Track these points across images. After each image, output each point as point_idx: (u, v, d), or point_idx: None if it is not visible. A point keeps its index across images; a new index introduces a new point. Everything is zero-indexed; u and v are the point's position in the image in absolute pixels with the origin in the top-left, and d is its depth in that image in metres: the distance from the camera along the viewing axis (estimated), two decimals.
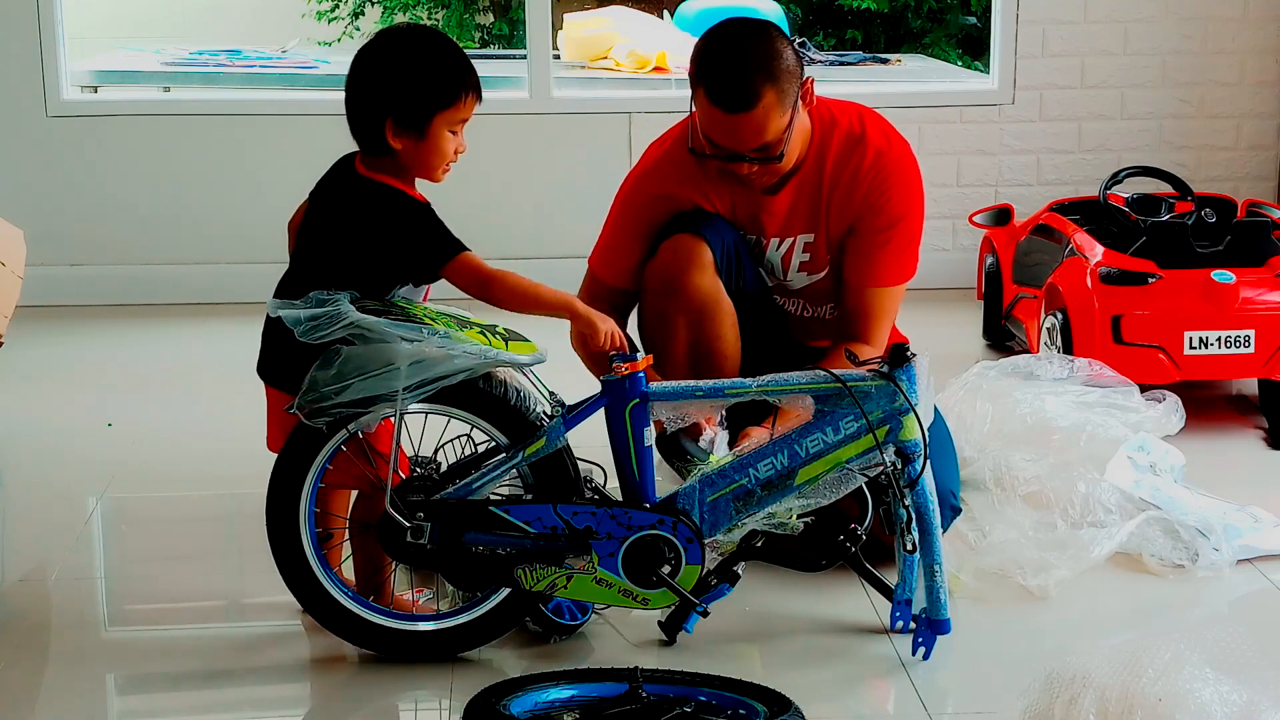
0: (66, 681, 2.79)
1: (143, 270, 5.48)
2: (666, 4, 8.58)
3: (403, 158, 2.78)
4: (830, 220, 3.18)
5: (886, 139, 3.19)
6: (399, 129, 2.75)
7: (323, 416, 2.68)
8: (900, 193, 3.17)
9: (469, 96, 2.79)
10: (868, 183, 3.15)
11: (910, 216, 3.20)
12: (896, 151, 3.18)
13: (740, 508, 2.75)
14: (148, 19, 8.97)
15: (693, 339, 3.12)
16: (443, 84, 2.77)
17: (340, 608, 2.79)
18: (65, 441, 4.11)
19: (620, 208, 3.28)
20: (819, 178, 3.16)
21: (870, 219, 3.16)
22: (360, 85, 2.79)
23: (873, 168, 3.15)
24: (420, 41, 2.82)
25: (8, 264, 3.77)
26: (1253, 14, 5.60)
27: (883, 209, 3.16)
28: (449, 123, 2.78)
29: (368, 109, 2.77)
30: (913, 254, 3.24)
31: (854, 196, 3.16)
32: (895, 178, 3.17)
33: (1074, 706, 2.30)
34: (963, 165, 5.62)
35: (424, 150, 2.77)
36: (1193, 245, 4.11)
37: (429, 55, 2.79)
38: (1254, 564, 3.19)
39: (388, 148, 2.76)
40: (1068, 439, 3.51)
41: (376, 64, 2.79)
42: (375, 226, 2.76)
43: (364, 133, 2.78)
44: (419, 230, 2.76)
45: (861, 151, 3.16)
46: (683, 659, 2.77)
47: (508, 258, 5.48)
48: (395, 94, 2.75)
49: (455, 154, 2.82)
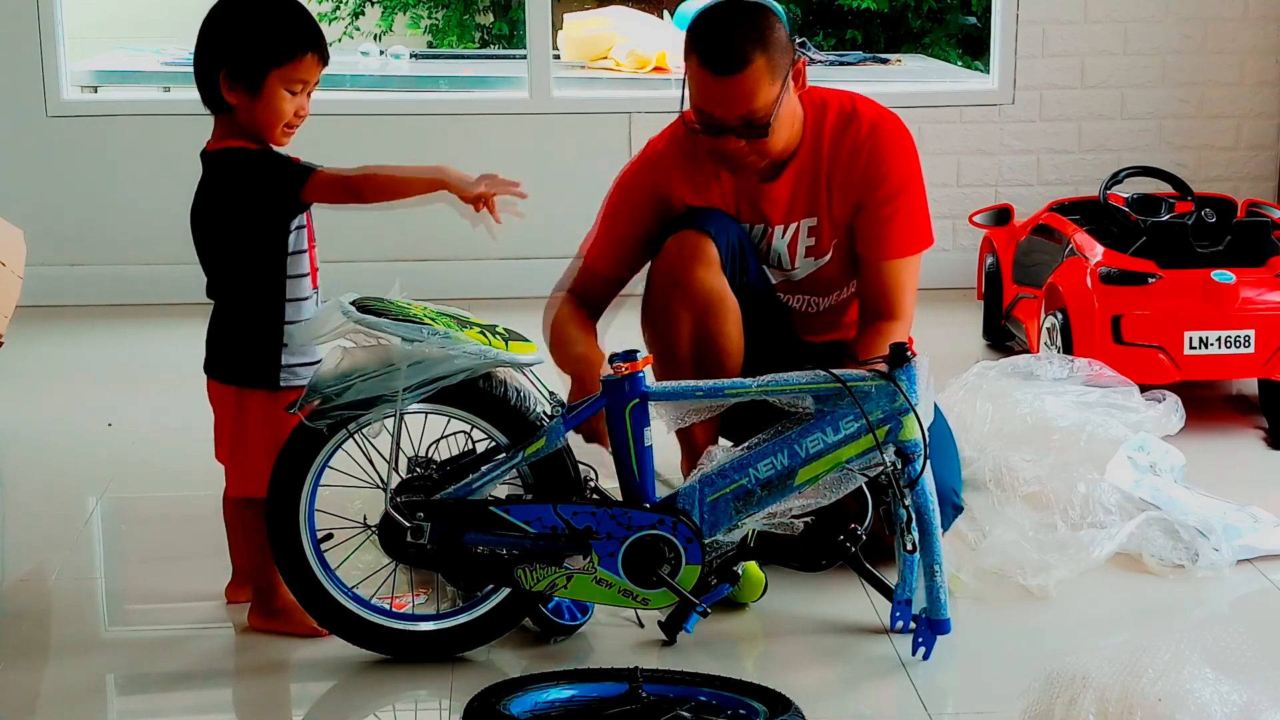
0: (66, 681, 2.80)
1: (143, 270, 5.48)
2: (666, 4, 8.57)
3: (239, 114, 2.80)
4: (833, 200, 3.18)
5: (879, 113, 3.21)
6: (233, 83, 2.78)
7: (324, 418, 2.68)
8: (899, 161, 3.18)
9: (307, 55, 2.81)
10: (865, 154, 3.16)
11: (912, 184, 3.21)
12: (889, 123, 3.20)
13: (740, 508, 2.75)
14: (148, 19, 8.96)
15: (697, 335, 3.12)
16: (280, 41, 2.79)
17: (340, 608, 2.79)
18: (65, 441, 4.11)
19: (616, 197, 3.28)
20: (816, 159, 3.17)
21: (873, 191, 3.17)
22: (203, 38, 2.83)
23: (869, 138, 3.16)
24: (263, 0, 2.85)
25: (8, 264, 3.77)
26: (1253, 14, 5.60)
27: (884, 179, 3.17)
28: (285, 80, 2.79)
29: (206, 61, 2.81)
30: (923, 220, 3.23)
31: (854, 170, 3.16)
32: (892, 147, 3.18)
33: (1074, 706, 2.30)
34: (963, 165, 5.63)
35: (259, 108, 2.79)
36: (1193, 245, 4.11)
37: (270, 12, 2.82)
38: (1254, 564, 3.19)
39: (224, 104, 2.79)
40: (1068, 439, 3.51)
41: (219, 17, 2.83)
42: (227, 185, 2.80)
43: (205, 87, 2.82)
44: (264, 168, 2.79)
45: (856, 126, 3.17)
46: (683, 659, 2.77)
47: (507, 257, 5.55)
48: (230, 47, 2.79)
49: (297, 116, 2.83)
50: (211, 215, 2.83)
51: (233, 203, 2.80)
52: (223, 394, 2.86)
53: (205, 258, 2.87)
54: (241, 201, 2.79)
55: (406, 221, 5.44)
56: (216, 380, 2.88)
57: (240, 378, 2.84)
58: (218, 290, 2.87)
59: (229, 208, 2.80)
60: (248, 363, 2.83)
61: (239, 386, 2.84)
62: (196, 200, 2.87)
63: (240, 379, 2.84)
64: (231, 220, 2.80)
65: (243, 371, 2.84)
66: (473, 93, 7.25)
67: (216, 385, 2.88)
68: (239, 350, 2.84)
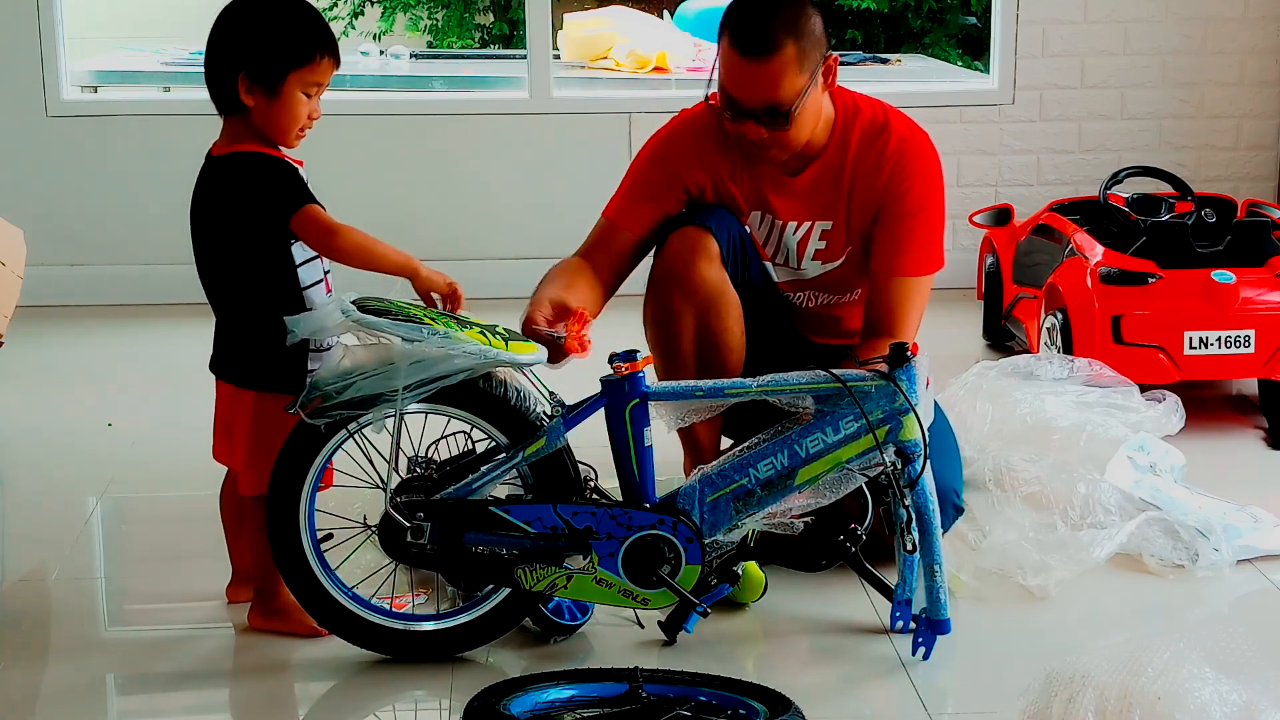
0: (66, 681, 2.80)
1: (143, 270, 5.48)
2: (666, 4, 8.58)
3: (255, 116, 2.80)
4: (851, 207, 3.18)
5: (910, 128, 3.20)
6: (252, 84, 2.78)
7: (323, 416, 2.68)
8: (922, 180, 3.17)
9: (325, 59, 2.82)
10: (890, 167, 3.15)
11: (932, 205, 3.20)
12: (919, 140, 3.19)
13: (740, 508, 2.75)
14: (148, 19, 8.95)
15: (699, 330, 3.12)
16: (299, 42, 2.79)
17: (340, 608, 2.79)
18: (65, 441, 4.11)
19: (644, 159, 3.26)
20: (841, 163, 3.16)
21: (894, 205, 3.16)
22: (218, 39, 2.82)
23: (896, 152, 3.15)
24: (279, 2, 2.84)
25: (8, 264, 3.76)
26: (1253, 14, 5.60)
27: (905, 194, 3.16)
28: (303, 83, 2.80)
29: (223, 63, 2.80)
30: (937, 243, 3.23)
31: (876, 181, 3.16)
32: (918, 165, 3.17)
33: (1073, 706, 2.30)
34: (963, 165, 5.62)
35: (276, 109, 2.79)
36: (1193, 245, 4.11)
37: (288, 14, 2.82)
38: (1254, 564, 3.19)
39: (240, 105, 2.79)
40: (1068, 439, 3.51)
41: (236, 19, 2.83)
42: (233, 188, 2.79)
43: (218, 88, 2.81)
44: (272, 179, 2.78)
45: (885, 138, 3.16)
46: (683, 659, 2.77)
47: (507, 257, 5.55)
48: (250, 48, 2.78)
49: (310, 119, 2.83)
50: (224, 219, 2.81)
51: (245, 206, 2.78)
52: (239, 397, 2.84)
53: (212, 261, 2.85)
54: (252, 205, 2.78)
55: (407, 221, 5.44)
56: (232, 384, 2.86)
57: (262, 382, 2.82)
58: (227, 294, 2.84)
59: (243, 211, 2.78)
60: (271, 368, 2.80)
61: (259, 391, 2.83)
62: (201, 203, 2.84)
63: (262, 384, 2.82)
64: (246, 224, 2.78)
65: (266, 376, 2.81)
66: (473, 93, 7.25)
67: (231, 388, 2.86)
68: (260, 355, 2.81)
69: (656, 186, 3.22)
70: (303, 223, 2.76)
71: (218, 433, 2.91)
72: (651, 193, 3.22)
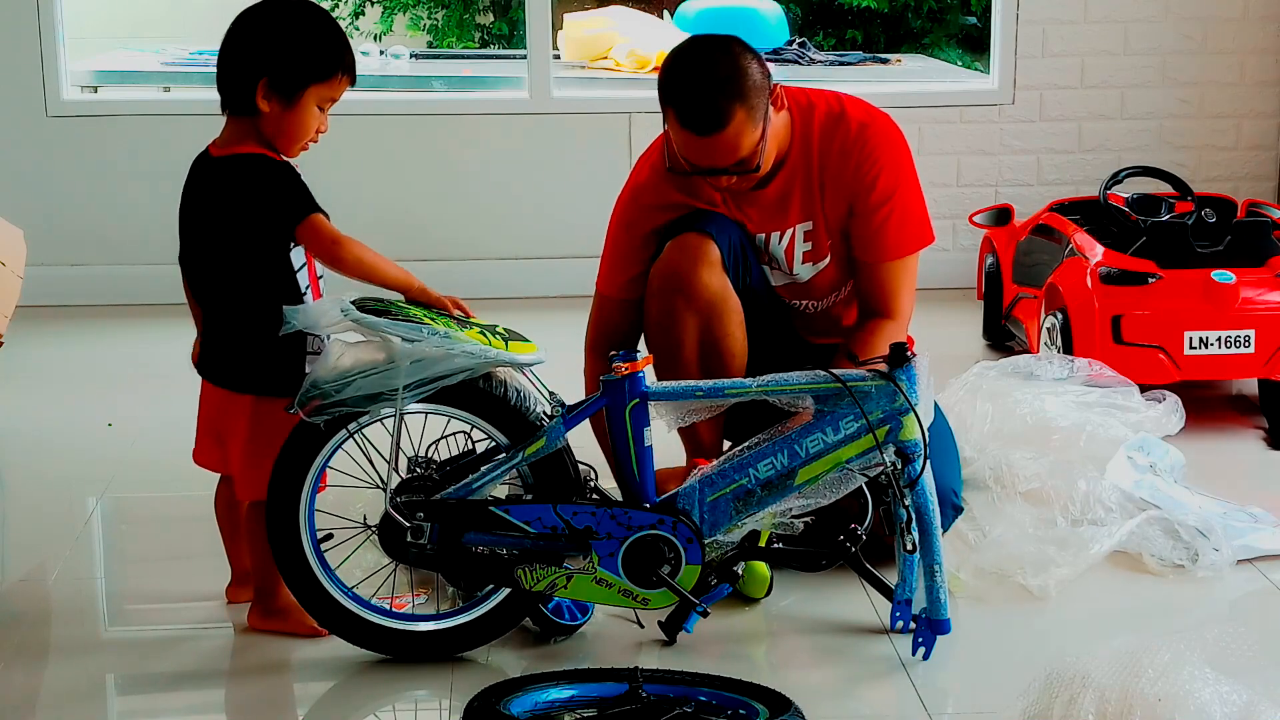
0: (66, 681, 2.79)
1: (143, 270, 5.48)
2: (666, 4, 8.57)
3: (266, 122, 2.79)
4: (826, 203, 3.17)
5: (867, 113, 3.19)
6: (270, 92, 2.77)
7: (322, 415, 2.68)
8: (890, 163, 3.16)
9: (344, 77, 2.82)
10: (855, 155, 3.14)
11: (905, 185, 3.18)
12: (880, 123, 3.18)
13: (740, 508, 2.75)
14: (148, 19, 8.95)
15: (702, 337, 3.12)
16: (325, 57, 2.80)
17: (340, 608, 2.79)
18: (65, 441, 4.12)
19: (617, 225, 3.27)
20: (808, 162, 3.15)
21: (866, 196, 3.15)
22: (240, 41, 2.81)
23: (858, 139, 3.15)
24: (307, 12, 2.85)
25: (8, 264, 3.77)
26: (1253, 14, 5.60)
27: (875, 183, 3.15)
28: (320, 97, 2.80)
29: (243, 64, 2.79)
30: (920, 218, 3.22)
31: (845, 171, 3.15)
32: (882, 148, 3.16)
33: (1073, 706, 2.30)
34: (963, 165, 5.63)
35: (289, 119, 2.79)
36: (1193, 245, 4.11)
37: (315, 26, 2.82)
38: (1254, 564, 3.19)
39: (254, 108, 2.78)
40: (1068, 439, 3.52)
41: (262, 23, 2.82)
42: (238, 190, 2.78)
43: (233, 89, 2.80)
44: (279, 185, 2.78)
45: (845, 126, 3.15)
46: (683, 659, 2.77)
47: (508, 257, 5.55)
48: (276, 55, 2.78)
49: (316, 133, 2.84)
50: (226, 220, 2.80)
51: (251, 209, 2.77)
52: (233, 401, 2.83)
53: (208, 262, 2.84)
54: (259, 208, 2.77)
55: (406, 221, 5.44)
56: (226, 388, 2.85)
57: (261, 386, 2.81)
58: (225, 296, 2.83)
59: (248, 213, 2.78)
60: (271, 372, 2.80)
61: (258, 395, 2.82)
62: (198, 203, 2.84)
63: (260, 388, 2.81)
64: (250, 226, 2.78)
65: (264, 380, 2.81)
66: (473, 93, 7.25)
67: (224, 393, 2.84)
68: (258, 360, 2.80)
69: (635, 250, 3.22)
70: (309, 230, 2.76)
71: (202, 437, 2.90)
72: (633, 258, 3.22)
